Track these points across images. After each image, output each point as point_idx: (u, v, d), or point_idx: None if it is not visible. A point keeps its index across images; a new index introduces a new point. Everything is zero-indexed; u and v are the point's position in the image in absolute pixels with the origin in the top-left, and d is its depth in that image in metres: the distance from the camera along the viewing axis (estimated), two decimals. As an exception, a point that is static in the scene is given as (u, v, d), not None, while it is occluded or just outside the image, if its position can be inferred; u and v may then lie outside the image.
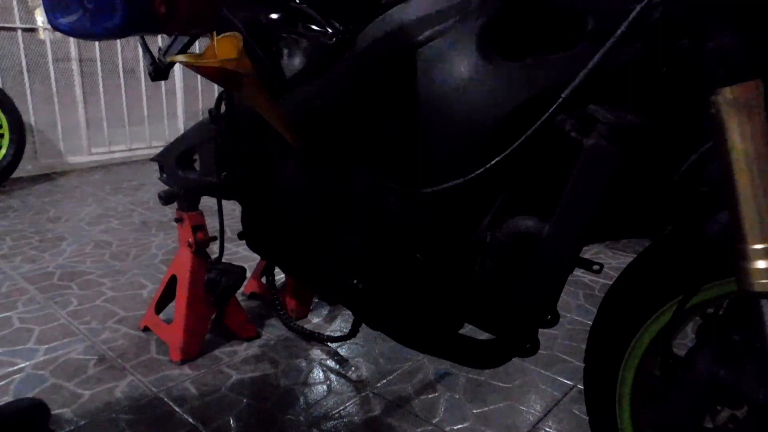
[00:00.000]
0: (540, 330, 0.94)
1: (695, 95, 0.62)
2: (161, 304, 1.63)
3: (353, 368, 1.49)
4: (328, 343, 1.60)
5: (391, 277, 0.98)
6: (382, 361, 1.52)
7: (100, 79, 3.81)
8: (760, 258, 0.58)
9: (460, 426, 1.27)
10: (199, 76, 4.32)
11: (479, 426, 1.27)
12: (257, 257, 2.06)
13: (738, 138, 0.58)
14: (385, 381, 1.43)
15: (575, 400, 1.37)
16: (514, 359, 1.01)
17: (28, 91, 3.49)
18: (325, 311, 1.82)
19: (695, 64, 0.60)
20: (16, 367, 1.45)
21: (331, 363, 1.52)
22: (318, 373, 1.47)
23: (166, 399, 1.34)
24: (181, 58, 0.99)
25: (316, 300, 1.84)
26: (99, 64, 3.79)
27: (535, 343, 0.95)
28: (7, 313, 1.74)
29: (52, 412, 1.27)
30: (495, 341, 0.98)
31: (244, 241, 1.44)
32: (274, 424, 1.26)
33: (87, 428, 1.23)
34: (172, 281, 1.58)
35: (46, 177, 3.54)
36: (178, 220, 1.54)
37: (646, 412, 0.87)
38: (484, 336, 1.00)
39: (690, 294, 0.72)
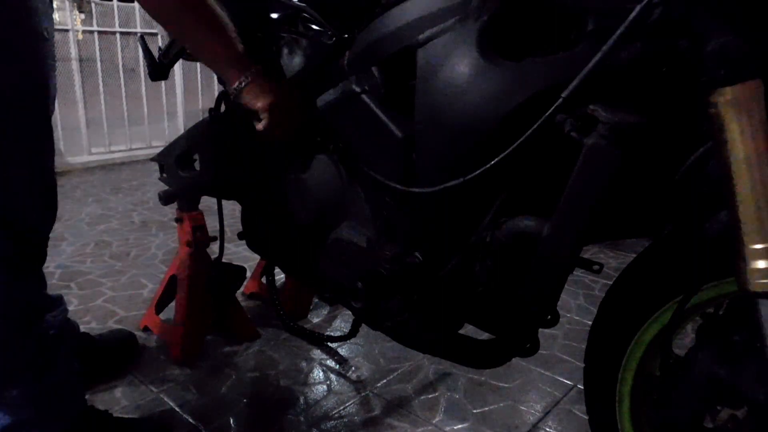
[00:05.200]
0: (540, 330, 0.94)
1: (695, 95, 0.62)
2: (161, 304, 1.63)
3: (353, 368, 1.49)
4: (328, 343, 1.60)
5: (390, 277, 0.98)
6: (382, 361, 1.52)
7: (100, 79, 3.80)
8: (760, 258, 0.58)
9: (460, 426, 1.27)
10: (199, 76, 4.33)
11: (479, 426, 1.27)
12: (257, 257, 2.06)
13: (738, 138, 0.58)
14: (385, 381, 1.43)
15: (575, 400, 1.37)
16: (514, 359, 1.01)
17: (28, 91, 3.49)
18: (325, 311, 1.82)
19: (695, 64, 0.60)
20: (16, 367, 1.45)
21: (331, 363, 1.52)
22: (318, 373, 1.47)
23: (166, 399, 1.34)
24: None
25: (316, 300, 1.84)
26: (99, 64, 3.79)
27: (535, 343, 0.95)
28: (7, 313, 1.74)
29: (52, 412, 1.28)
30: (495, 341, 0.98)
31: (244, 241, 1.44)
32: (274, 424, 1.26)
33: (87, 428, 1.23)
34: (172, 281, 1.57)
35: (46, 177, 3.53)
36: (178, 220, 1.54)
37: (646, 412, 0.87)
38: (484, 336, 1.00)
39: (690, 294, 0.72)
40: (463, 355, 1.02)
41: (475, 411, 1.32)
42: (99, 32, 3.80)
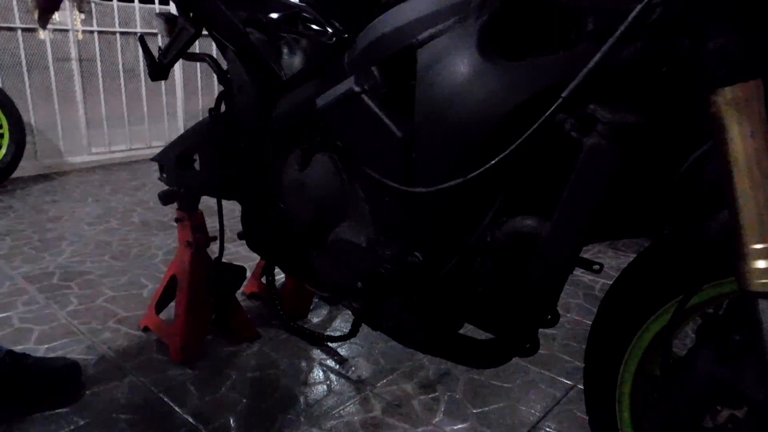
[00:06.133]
0: (540, 330, 0.94)
1: (695, 95, 0.62)
2: (161, 304, 1.63)
3: (353, 368, 1.49)
4: (328, 343, 1.60)
5: (390, 277, 0.98)
6: (382, 361, 1.52)
7: (100, 79, 3.80)
8: (760, 258, 0.58)
9: (460, 426, 1.27)
10: (199, 76, 4.33)
11: (479, 426, 1.27)
12: (257, 257, 2.06)
13: (738, 138, 0.58)
14: (385, 381, 1.43)
15: (575, 400, 1.37)
16: (514, 359, 1.01)
17: (28, 91, 3.49)
18: (325, 311, 1.82)
19: (695, 64, 0.60)
20: (16, 367, 1.45)
21: (331, 363, 1.52)
22: (318, 373, 1.47)
23: (166, 399, 1.34)
24: None
25: (316, 300, 1.84)
26: (99, 64, 3.79)
27: (535, 343, 0.95)
28: (7, 313, 1.74)
29: (53, 412, 1.28)
30: (495, 341, 0.98)
31: (244, 241, 1.44)
32: (274, 424, 1.26)
33: (87, 428, 1.23)
34: (172, 281, 1.58)
35: (46, 177, 3.54)
36: (178, 220, 1.54)
37: (646, 411, 0.87)
38: (484, 336, 1.00)
39: (690, 294, 0.72)
40: (463, 355, 1.02)
41: (475, 411, 1.33)
42: (99, 32, 3.80)
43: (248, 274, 1.73)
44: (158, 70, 1.41)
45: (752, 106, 0.57)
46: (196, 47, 1.49)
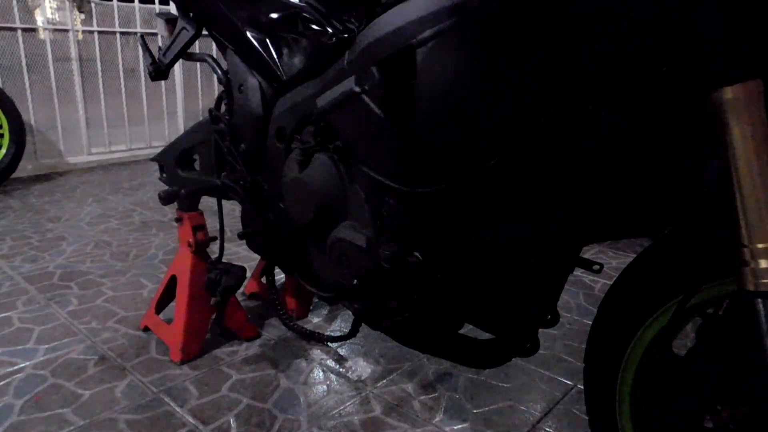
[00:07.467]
0: (540, 330, 0.94)
1: (695, 95, 0.62)
2: (161, 304, 1.63)
3: (353, 368, 1.49)
4: (328, 343, 1.60)
5: (390, 277, 0.98)
6: (382, 361, 1.52)
7: (100, 79, 3.81)
8: (760, 258, 0.58)
9: (460, 426, 1.27)
10: (199, 76, 4.33)
11: (479, 426, 1.27)
12: (257, 257, 2.06)
13: (738, 138, 0.58)
14: (385, 381, 1.43)
15: (575, 400, 1.37)
16: (514, 359, 1.01)
17: (28, 91, 3.49)
18: (325, 311, 1.82)
19: (695, 64, 0.60)
20: (16, 367, 1.45)
21: (331, 363, 1.52)
22: (318, 373, 1.47)
23: (166, 399, 1.34)
24: None
25: (316, 300, 1.84)
26: (99, 64, 3.79)
27: (535, 343, 0.95)
28: (7, 313, 1.74)
29: (52, 412, 1.28)
30: (495, 341, 0.98)
31: (244, 241, 1.44)
32: (274, 424, 1.26)
33: (87, 428, 1.23)
34: (172, 281, 1.58)
35: (46, 177, 3.54)
36: (178, 220, 1.54)
37: (646, 412, 0.87)
38: (484, 336, 1.00)
39: (690, 294, 0.72)
40: (463, 355, 1.02)
41: (475, 411, 1.32)
42: (99, 32, 3.80)
43: (248, 274, 1.73)
44: (158, 70, 1.41)
45: (752, 106, 0.57)
46: (196, 47, 1.49)
